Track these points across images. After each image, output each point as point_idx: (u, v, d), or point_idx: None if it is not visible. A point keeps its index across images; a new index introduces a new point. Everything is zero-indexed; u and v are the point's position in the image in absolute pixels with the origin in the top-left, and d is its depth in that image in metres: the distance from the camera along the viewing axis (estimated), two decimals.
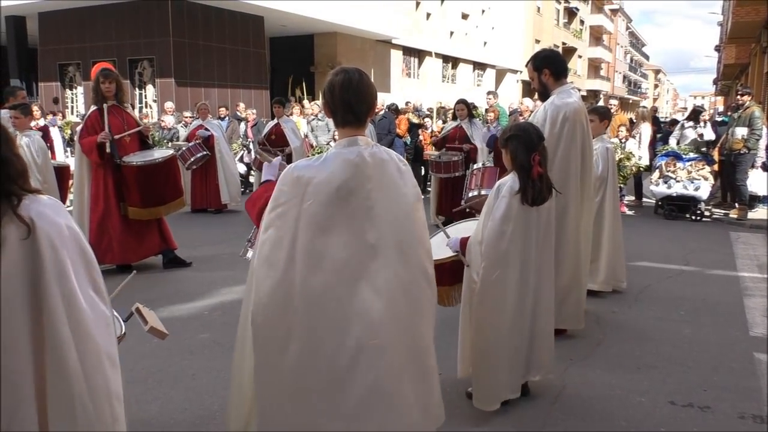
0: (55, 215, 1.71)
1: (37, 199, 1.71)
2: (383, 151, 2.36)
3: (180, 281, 5.99)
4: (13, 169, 1.69)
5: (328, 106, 2.36)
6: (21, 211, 1.64)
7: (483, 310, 3.19)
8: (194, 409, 3.42)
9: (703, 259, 6.95)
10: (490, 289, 3.14)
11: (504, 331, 3.19)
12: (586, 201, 4.35)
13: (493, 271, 3.13)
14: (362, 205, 2.24)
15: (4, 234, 1.62)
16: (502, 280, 3.15)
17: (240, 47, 20.00)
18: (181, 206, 6.57)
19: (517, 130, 3.32)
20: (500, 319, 3.18)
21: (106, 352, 1.78)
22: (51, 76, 20.08)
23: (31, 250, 1.64)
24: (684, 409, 3.43)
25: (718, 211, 10.13)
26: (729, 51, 25.03)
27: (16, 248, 1.62)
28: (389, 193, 2.29)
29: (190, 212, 9.65)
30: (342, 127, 2.34)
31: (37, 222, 1.65)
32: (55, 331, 1.65)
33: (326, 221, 2.20)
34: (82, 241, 1.78)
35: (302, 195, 2.21)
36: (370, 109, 2.35)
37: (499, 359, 3.20)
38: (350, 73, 2.30)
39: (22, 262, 1.63)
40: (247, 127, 12.93)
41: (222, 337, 4.49)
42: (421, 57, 30.96)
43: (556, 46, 39.18)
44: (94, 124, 5.92)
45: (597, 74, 58.40)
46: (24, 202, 1.67)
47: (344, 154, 2.26)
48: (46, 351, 1.65)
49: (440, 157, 8.28)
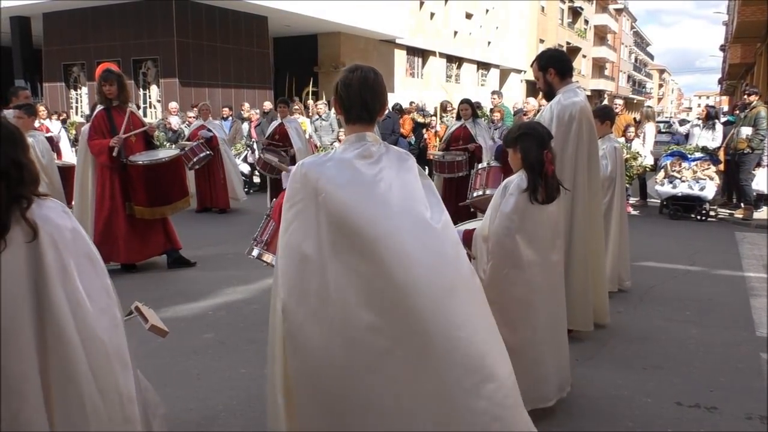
0: (59, 218, 1.73)
1: (42, 203, 1.72)
2: (391, 148, 2.40)
3: (184, 281, 6.00)
4: (28, 173, 1.72)
5: (341, 103, 2.37)
6: (27, 215, 1.66)
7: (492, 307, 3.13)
8: (199, 409, 3.42)
9: (709, 259, 6.92)
10: (497, 286, 3.11)
11: (514, 329, 3.12)
12: (594, 200, 4.33)
13: (501, 269, 3.10)
14: (375, 195, 2.25)
15: (9, 236, 1.63)
16: (510, 278, 3.12)
17: (244, 47, 20.02)
18: (187, 206, 6.57)
19: (528, 128, 3.30)
20: (507, 318, 3.13)
21: (116, 353, 1.79)
22: (55, 77, 20.15)
23: (35, 252, 1.65)
24: (690, 409, 3.42)
25: (723, 211, 10.09)
26: (734, 50, 24.96)
27: (22, 251, 1.63)
28: (400, 183, 2.30)
29: (195, 212, 9.66)
30: (353, 123, 2.36)
31: (40, 225, 1.67)
32: (60, 333, 1.65)
33: (342, 210, 2.21)
34: (87, 243, 1.79)
35: (315, 189, 2.23)
36: (382, 108, 2.39)
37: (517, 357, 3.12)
38: (366, 72, 2.33)
39: (26, 265, 1.64)
40: (250, 126, 12.94)
41: (227, 336, 4.48)
42: (425, 57, 30.96)
43: (560, 46, 39.15)
44: (101, 125, 5.94)
45: (601, 74, 58.30)
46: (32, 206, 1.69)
47: (353, 148, 2.30)
48: (51, 353, 1.65)
49: (444, 157, 8.26)
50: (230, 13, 19.21)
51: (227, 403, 3.47)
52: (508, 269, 3.11)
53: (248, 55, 20.22)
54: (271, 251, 3.34)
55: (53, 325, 1.65)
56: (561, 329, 3.37)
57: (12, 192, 1.66)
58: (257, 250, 3.41)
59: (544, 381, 3.19)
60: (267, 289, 2.58)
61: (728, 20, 31.65)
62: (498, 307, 3.12)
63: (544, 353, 3.19)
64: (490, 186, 5.65)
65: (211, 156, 9.53)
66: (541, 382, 3.17)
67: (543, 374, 3.18)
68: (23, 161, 1.72)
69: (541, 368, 3.17)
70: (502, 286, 3.11)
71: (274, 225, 3.28)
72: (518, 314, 3.14)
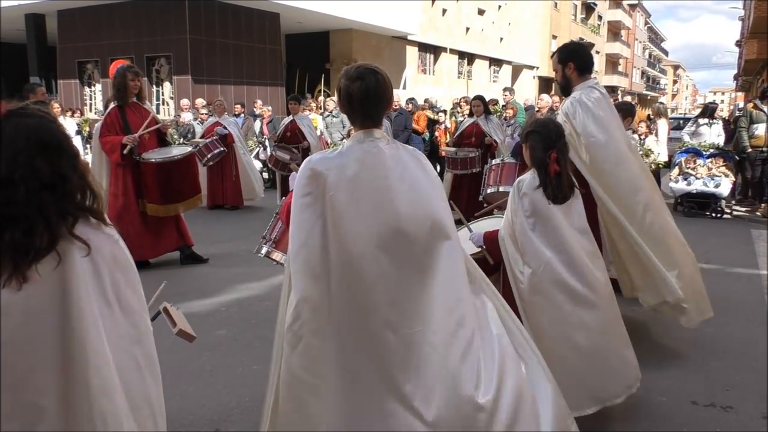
0: (90, 224, 1.68)
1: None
2: (399, 145, 2.38)
3: (197, 277, 6.02)
4: (71, 186, 1.66)
5: (344, 109, 2.37)
6: (75, 231, 1.62)
7: (538, 309, 3.06)
8: (212, 405, 3.43)
9: (724, 256, 6.85)
10: (538, 291, 3.04)
11: (562, 332, 3.06)
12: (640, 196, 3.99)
13: (537, 271, 3.02)
14: (382, 193, 2.24)
15: (60, 250, 1.59)
16: (546, 277, 3.02)
17: (256, 44, 20.05)
18: (199, 203, 6.60)
19: (536, 125, 3.26)
20: (552, 318, 3.05)
21: (147, 365, 1.74)
22: (70, 74, 20.29)
23: (65, 260, 1.60)
24: (706, 408, 3.38)
25: (739, 209, 9.99)
26: (750, 46, 24.62)
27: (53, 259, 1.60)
28: (409, 181, 2.29)
29: (207, 209, 9.70)
30: (360, 126, 2.35)
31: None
32: (86, 346, 1.60)
33: (348, 210, 2.20)
34: (117, 247, 1.73)
35: (323, 187, 2.22)
36: (387, 107, 2.37)
37: (572, 359, 3.04)
38: (367, 80, 2.26)
39: (56, 273, 1.59)
40: (262, 123, 12.97)
41: (239, 333, 4.50)
42: (437, 53, 30.86)
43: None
44: (114, 122, 5.96)
45: (615, 70, 57.85)
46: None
47: (360, 145, 2.29)
48: (76, 366, 1.59)
49: (457, 153, 8.24)
50: (243, 10, 19.24)
51: (240, 399, 3.48)
52: (542, 266, 3.03)
53: (260, 52, 20.25)
54: (279, 249, 3.34)
55: (80, 339, 1.59)
56: (611, 331, 3.21)
57: (58, 206, 1.61)
58: (266, 249, 3.42)
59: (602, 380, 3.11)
60: (279, 285, 2.57)
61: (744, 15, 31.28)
62: (541, 309, 3.05)
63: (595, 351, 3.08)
64: (504, 183, 5.62)
65: (225, 153, 9.56)
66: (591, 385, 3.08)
67: (606, 373, 3.10)
68: (65, 172, 1.65)
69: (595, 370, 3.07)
70: (540, 286, 3.05)
71: (282, 224, 3.28)
72: (551, 314, 3.06)
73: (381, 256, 2.20)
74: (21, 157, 1.59)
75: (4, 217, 1.56)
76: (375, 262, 2.19)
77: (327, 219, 2.20)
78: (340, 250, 2.18)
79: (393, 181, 2.25)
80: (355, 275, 2.19)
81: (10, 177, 1.57)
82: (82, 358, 1.59)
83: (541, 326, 3.05)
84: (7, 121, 1.62)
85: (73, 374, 1.59)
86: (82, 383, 1.59)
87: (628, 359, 3.25)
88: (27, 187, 1.58)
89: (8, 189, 1.57)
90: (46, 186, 1.61)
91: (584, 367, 3.04)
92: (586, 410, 3.02)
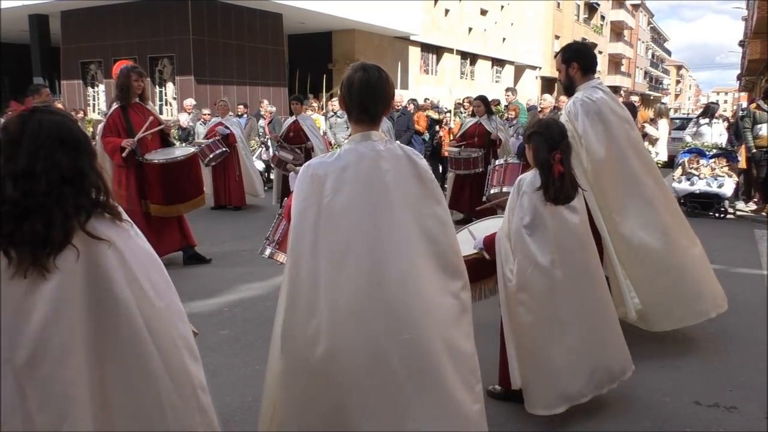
0: (102, 220, 1.74)
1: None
2: (398, 146, 2.38)
3: (200, 278, 6.03)
4: (88, 182, 1.71)
5: (344, 102, 2.37)
6: (88, 227, 1.66)
7: (523, 308, 3.08)
8: (216, 406, 3.37)
9: (728, 257, 6.83)
10: (525, 287, 3.06)
11: (550, 329, 3.08)
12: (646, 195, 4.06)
13: (525, 269, 3.05)
14: (380, 197, 2.24)
15: (78, 244, 1.64)
16: (534, 276, 3.06)
17: (259, 45, 20.07)
18: (202, 203, 6.61)
19: (539, 126, 3.25)
20: (541, 316, 3.07)
21: (186, 346, 1.81)
22: (73, 74, 20.32)
23: (92, 253, 1.65)
24: (710, 409, 3.38)
25: (743, 209, 9.97)
26: (754, 46, 24.56)
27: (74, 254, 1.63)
28: (405, 186, 2.30)
29: (210, 209, 9.71)
30: (355, 123, 2.37)
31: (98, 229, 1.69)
32: (131, 333, 1.65)
33: (346, 214, 2.21)
34: (141, 239, 1.81)
35: (321, 192, 2.23)
36: (385, 109, 2.37)
37: (551, 360, 3.06)
38: (370, 72, 2.29)
39: (83, 266, 1.64)
40: (264, 123, 12.98)
41: (242, 333, 4.50)
42: (440, 54, 30.86)
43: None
44: (116, 123, 5.95)
45: (617, 70, 57.75)
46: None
47: (358, 148, 2.30)
48: (121, 354, 1.65)
49: (460, 153, 8.23)
50: (245, 10, 19.26)
51: (243, 400, 3.48)
52: (531, 268, 3.06)
53: (263, 52, 20.26)
54: (283, 250, 3.34)
55: (123, 326, 1.65)
56: (599, 327, 3.24)
57: (75, 201, 1.66)
58: (269, 250, 3.42)
59: (574, 379, 3.14)
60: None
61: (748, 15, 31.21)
62: (527, 308, 3.09)
63: (572, 352, 3.11)
64: (507, 183, 5.62)
65: (227, 153, 9.57)
66: (567, 383, 3.12)
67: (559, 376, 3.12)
68: (82, 168, 1.71)
69: (572, 367, 3.11)
70: (528, 285, 3.07)
71: (285, 224, 3.28)
72: (545, 312, 3.08)
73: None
74: (42, 151, 1.64)
75: (24, 207, 1.60)
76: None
77: (320, 223, 2.22)
78: (335, 253, 2.20)
79: (390, 185, 2.26)
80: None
81: (31, 169, 1.62)
82: (141, 343, 1.67)
83: (523, 326, 3.09)
84: (31, 116, 1.68)
85: (129, 362, 1.66)
86: (138, 368, 1.67)
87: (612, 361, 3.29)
88: (48, 179, 1.63)
89: (29, 180, 1.62)
90: (66, 180, 1.66)
91: (564, 367, 3.09)
92: (556, 409, 3.08)
